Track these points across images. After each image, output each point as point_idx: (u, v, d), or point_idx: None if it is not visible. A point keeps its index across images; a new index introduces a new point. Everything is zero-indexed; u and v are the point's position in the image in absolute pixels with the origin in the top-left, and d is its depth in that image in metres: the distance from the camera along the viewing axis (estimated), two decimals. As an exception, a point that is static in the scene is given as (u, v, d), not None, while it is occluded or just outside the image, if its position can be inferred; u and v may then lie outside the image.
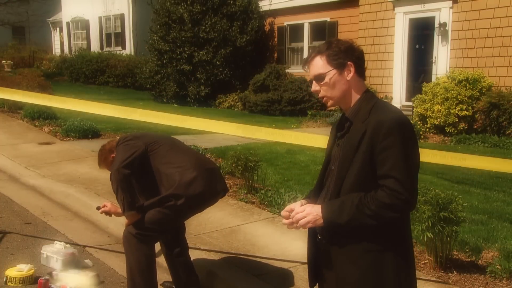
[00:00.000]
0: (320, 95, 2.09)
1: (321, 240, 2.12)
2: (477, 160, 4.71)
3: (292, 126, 12.08)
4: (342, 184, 2.00)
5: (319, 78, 2.05)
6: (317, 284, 2.26)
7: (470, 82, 10.68)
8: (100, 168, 3.71)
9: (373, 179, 1.94)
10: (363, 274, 2.00)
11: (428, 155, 4.00)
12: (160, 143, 3.51)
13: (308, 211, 2.01)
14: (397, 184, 1.88)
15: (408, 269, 2.07)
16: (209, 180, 3.45)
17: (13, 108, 12.07)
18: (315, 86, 2.08)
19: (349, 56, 2.02)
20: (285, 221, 2.08)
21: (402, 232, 2.06)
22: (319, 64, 2.05)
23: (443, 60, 12.15)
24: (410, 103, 11.90)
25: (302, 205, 2.08)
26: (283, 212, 2.11)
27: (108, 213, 3.65)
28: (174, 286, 3.83)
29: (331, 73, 2.03)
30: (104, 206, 3.64)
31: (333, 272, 2.08)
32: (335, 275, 2.08)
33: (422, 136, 10.66)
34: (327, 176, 2.14)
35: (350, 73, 2.02)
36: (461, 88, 10.68)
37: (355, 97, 2.06)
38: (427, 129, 11.01)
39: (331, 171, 2.10)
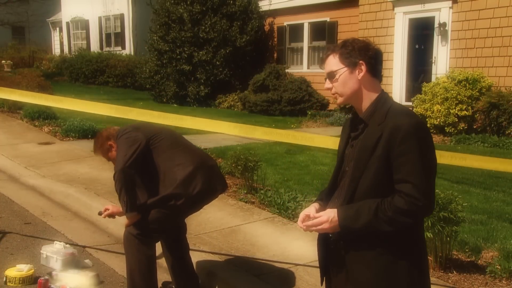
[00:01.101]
0: (332, 91, 2.11)
1: (334, 241, 2.10)
2: (477, 159, 4.71)
3: (292, 126, 12.08)
4: (356, 186, 1.99)
5: (331, 75, 2.08)
6: (324, 281, 2.25)
7: (470, 82, 10.67)
8: (96, 154, 3.66)
9: (388, 184, 1.94)
10: (376, 276, 2.00)
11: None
12: (161, 136, 3.47)
13: (325, 219, 2.00)
14: (414, 190, 1.88)
15: (422, 274, 2.06)
16: (209, 178, 3.44)
17: (13, 108, 12.06)
18: (327, 84, 2.11)
19: (362, 55, 2.03)
20: (300, 224, 2.07)
21: (416, 236, 2.06)
22: (332, 62, 2.07)
23: (442, 60, 12.14)
24: (410, 103, 11.88)
25: (316, 210, 2.09)
26: (300, 216, 2.10)
27: (111, 215, 3.59)
28: (174, 287, 3.83)
29: (342, 71, 2.04)
30: (105, 210, 3.57)
31: (343, 271, 2.08)
32: (345, 274, 2.07)
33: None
34: (341, 177, 2.13)
35: (361, 72, 2.03)
36: (461, 88, 10.67)
37: (368, 97, 2.05)
38: (427, 129, 11.00)
39: (345, 172, 2.10)
